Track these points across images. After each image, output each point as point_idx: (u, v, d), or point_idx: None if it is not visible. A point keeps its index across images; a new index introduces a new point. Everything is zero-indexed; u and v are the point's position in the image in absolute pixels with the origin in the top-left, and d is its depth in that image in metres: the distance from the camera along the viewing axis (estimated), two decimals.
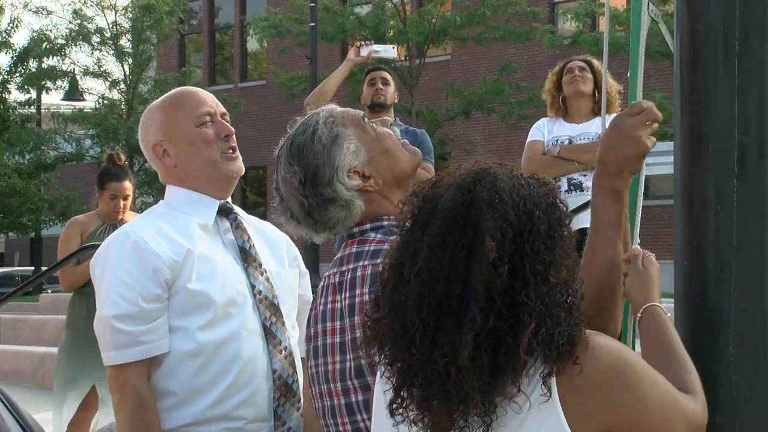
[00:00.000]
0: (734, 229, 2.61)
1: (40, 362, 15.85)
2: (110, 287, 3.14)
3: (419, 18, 25.87)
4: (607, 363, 2.18)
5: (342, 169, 2.87)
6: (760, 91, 2.63)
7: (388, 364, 2.24)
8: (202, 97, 3.41)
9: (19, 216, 33.55)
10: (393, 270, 2.24)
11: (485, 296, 2.10)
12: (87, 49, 33.66)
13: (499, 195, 2.18)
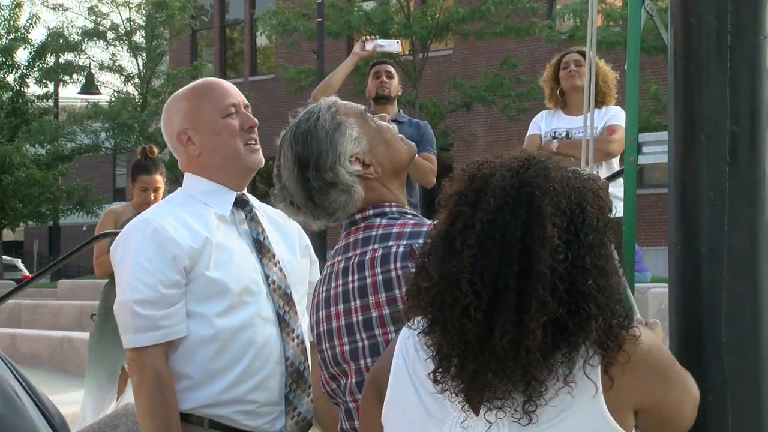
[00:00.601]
0: (726, 216, 2.60)
1: (58, 346, 15.88)
2: (131, 273, 3.15)
3: (422, 14, 25.87)
4: (647, 349, 2.22)
5: (344, 155, 2.88)
6: (751, 82, 2.63)
7: (431, 332, 2.23)
8: (228, 89, 3.42)
9: (38, 205, 33.63)
10: (442, 241, 2.22)
11: (550, 281, 2.11)
12: (102, 45, 33.71)
13: (551, 182, 2.19)
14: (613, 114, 7.04)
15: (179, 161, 3.40)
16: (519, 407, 2.13)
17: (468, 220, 2.18)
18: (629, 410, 2.20)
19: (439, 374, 2.20)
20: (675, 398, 2.30)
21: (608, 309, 2.15)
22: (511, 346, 2.09)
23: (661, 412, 2.27)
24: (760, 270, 2.62)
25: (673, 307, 2.72)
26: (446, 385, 2.19)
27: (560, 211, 2.15)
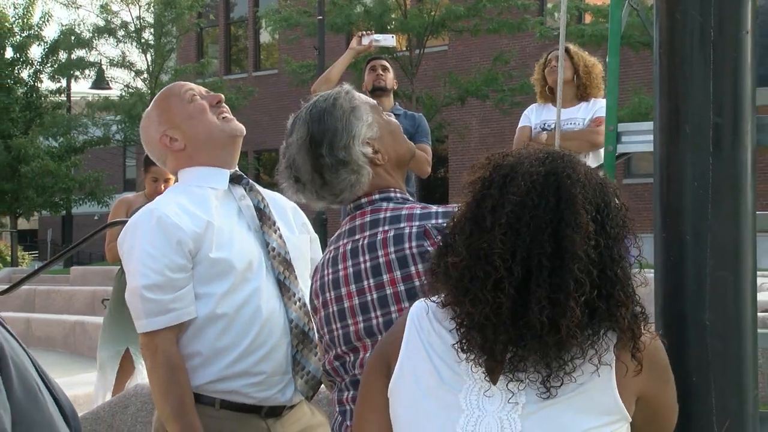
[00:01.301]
0: (709, 204, 2.60)
1: (71, 329, 15.92)
2: (138, 260, 3.15)
3: (419, 11, 25.90)
4: (659, 345, 2.28)
5: (358, 137, 2.90)
6: (733, 75, 2.63)
7: (458, 304, 2.22)
8: (183, 83, 3.47)
9: (52, 195, 33.67)
10: (469, 221, 2.22)
11: (585, 265, 2.12)
12: (113, 42, 33.73)
13: (578, 174, 2.20)
14: (600, 106, 7.05)
15: (168, 165, 3.42)
16: (540, 380, 2.15)
17: (497, 201, 2.18)
18: (633, 396, 2.22)
19: (465, 344, 2.19)
20: (670, 396, 2.34)
21: (632, 299, 2.20)
22: (549, 321, 2.09)
23: (657, 406, 2.29)
24: (742, 256, 2.63)
25: (659, 291, 2.72)
26: (472, 354, 2.19)
27: (588, 202, 2.16)
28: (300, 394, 3.28)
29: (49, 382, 2.57)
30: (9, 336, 2.47)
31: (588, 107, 7.14)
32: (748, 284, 2.64)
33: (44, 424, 2.44)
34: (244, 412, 3.21)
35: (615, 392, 2.17)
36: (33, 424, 2.40)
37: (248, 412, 3.21)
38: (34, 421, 2.41)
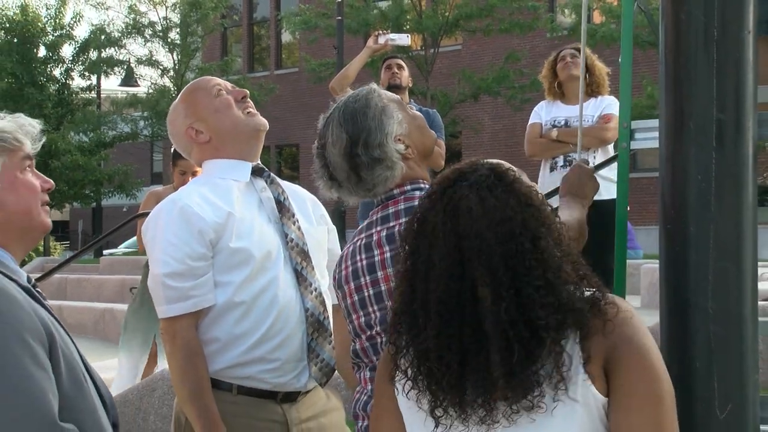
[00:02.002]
0: (712, 197, 2.60)
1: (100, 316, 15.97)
2: (161, 248, 3.16)
3: (433, 12, 25.87)
4: (625, 313, 2.12)
5: (390, 135, 2.92)
6: (736, 73, 2.63)
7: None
8: (210, 78, 3.48)
9: (82, 188, 33.74)
10: (405, 315, 2.12)
11: (502, 338, 1.99)
12: (140, 41, 33.78)
13: (480, 237, 2.03)
14: (608, 104, 7.05)
15: (194, 157, 3.42)
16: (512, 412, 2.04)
17: (424, 296, 2.07)
18: (599, 368, 2.06)
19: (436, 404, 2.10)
20: (643, 339, 2.12)
21: (563, 313, 2.02)
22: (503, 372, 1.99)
23: (633, 360, 2.07)
24: (743, 247, 2.63)
25: (663, 281, 2.72)
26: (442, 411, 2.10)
27: (493, 265, 2.01)
28: (314, 381, 3.28)
29: (91, 369, 2.58)
30: (59, 326, 2.49)
31: (596, 104, 7.12)
32: (749, 274, 2.64)
33: (87, 411, 2.45)
34: (261, 398, 3.21)
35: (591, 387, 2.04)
36: (77, 410, 2.41)
37: (264, 397, 3.21)
38: (79, 408, 2.42)
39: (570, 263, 2.09)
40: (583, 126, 7.05)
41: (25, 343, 2.31)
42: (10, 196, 2.52)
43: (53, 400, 2.32)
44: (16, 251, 2.56)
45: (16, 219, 2.53)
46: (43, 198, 2.60)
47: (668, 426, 2.04)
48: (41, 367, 2.32)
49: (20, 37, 34.14)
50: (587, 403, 2.03)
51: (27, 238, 2.59)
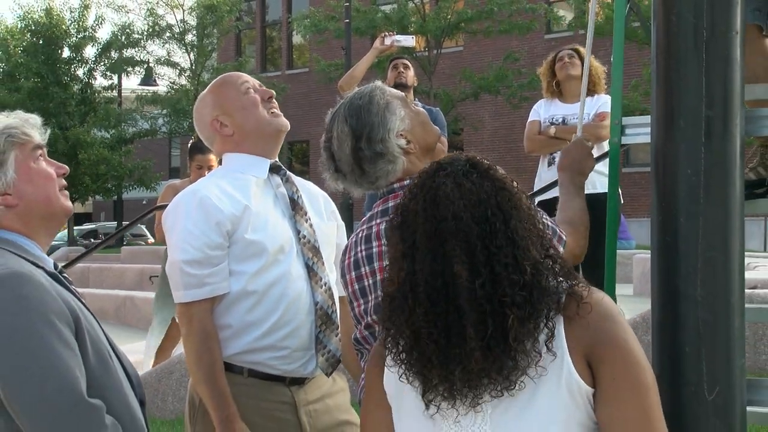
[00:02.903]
0: (701, 190, 2.59)
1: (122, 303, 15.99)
2: (180, 237, 3.15)
3: (436, 15, 25.87)
4: (601, 299, 2.10)
5: (393, 131, 2.90)
6: (724, 72, 2.62)
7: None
8: (241, 75, 3.45)
9: (104, 182, 33.83)
10: (395, 300, 2.12)
11: (475, 312, 1.99)
12: (159, 42, 33.83)
13: (457, 218, 2.04)
14: (603, 102, 7.04)
15: (215, 148, 3.40)
16: (498, 387, 2.03)
17: (411, 278, 2.07)
18: (582, 359, 2.04)
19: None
20: (629, 338, 2.07)
21: (533, 292, 2.01)
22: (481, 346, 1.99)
23: (618, 352, 2.04)
24: (731, 237, 2.62)
25: (655, 270, 2.71)
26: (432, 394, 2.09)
27: (470, 242, 2.02)
28: (320, 370, 3.28)
29: (117, 350, 2.59)
30: (85, 309, 2.50)
31: (592, 102, 7.11)
32: (737, 263, 2.64)
33: (114, 388, 2.46)
34: (270, 381, 3.21)
35: (572, 369, 2.02)
36: (104, 387, 2.42)
37: (273, 380, 3.21)
38: (105, 385, 2.43)
39: (539, 244, 2.08)
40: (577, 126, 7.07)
41: (52, 325, 2.32)
42: (27, 186, 2.53)
43: (80, 378, 2.33)
44: (41, 238, 2.57)
45: (36, 207, 2.54)
46: (60, 183, 2.60)
47: (656, 413, 2.04)
48: (68, 347, 2.34)
49: (45, 39, 34.22)
50: (572, 391, 2.02)
51: (50, 225, 2.60)
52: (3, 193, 2.50)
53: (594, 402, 2.04)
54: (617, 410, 2.02)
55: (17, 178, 2.52)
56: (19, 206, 2.52)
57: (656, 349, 2.69)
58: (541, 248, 2.09)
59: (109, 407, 2.38)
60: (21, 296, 2.32)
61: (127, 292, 16.45)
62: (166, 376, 7.89)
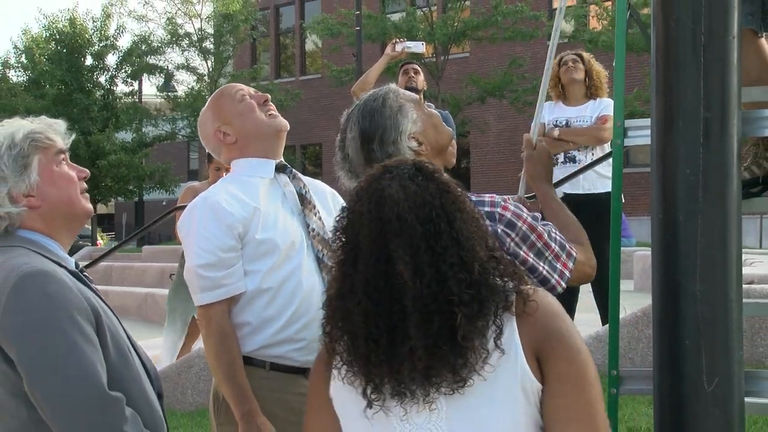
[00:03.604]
0: (700, 189, 2.59)
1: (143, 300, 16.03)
2: (194, 242, 3.17)
3: (443, 23, 25.89)
4: (546, 298, 2.08)
5: (404, 133, 2.85)
6: (721, 75, 2.61)
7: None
8: (234, 85, 3.47)
9: (126, 184, 33.95)
10: (337, 301, 2.08)
11: (419, 311, 1.96)
12: (178, 50, 33.92)
13: (402, 219, 2.00)
14: (606, 105, 7.04)
15: (223, 157, 3.42)
16: (450, 382, 1.99)
17: (353, 279, 2.03)
18: (532, 356, 2.01)
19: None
20: (574, 335, 2.06)
21: (480, 289, 1.98)
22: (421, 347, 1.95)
23: (564, 349, 2.03)
24: (728, 235, 2.61)
25: (655, 266, 2.70)
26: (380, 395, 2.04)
27: (413, 242, 1.98)
28: None
29: (136, 345, 2.61)
30: (105, 306, 2.51)
31: (595, 105, 7.13)
32: (734, 260, 2.63)
33: (133, 381, 2.47)
34: (291, 373, 3.21)
35: (524, 363, 1.99)
36: (124, 380, 2.43)
37: (295, 373, 3.21)
38: (125, 378, 2.44)
39: (484, 245, 2.05)
40: (582, 126, 7.07)
41: (74, 321, 2.34)
42: (50, 189, 2.54)
43: (101, 372, 2.34)
44: (63, 239, 2.58)
45: (58, 209, 2.55)
46: (81, 186, 2.62)
47: (599, 406, 2.02)
48: (90, 342, 2.35)
49: (69, 48, 34.36)
50: (525, 388, 2.00)
51: (72, 225, 2.61)
52: (27, 195, 2.51)
53: (541, 395, 2.02)
54: (563, 404, 2.00)
55: (40, 180, 2.53)
56: (42, 207, 2.53)
57: (657, 342, 2.68)
58: (486, 249, 2.05)
59: (129, 399, 2.39)
60: (45, 294, 2.34)
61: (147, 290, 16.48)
62: (186, 369, 7.91)
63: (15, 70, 35.63)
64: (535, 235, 2.70)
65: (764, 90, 3.26)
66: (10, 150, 2.52)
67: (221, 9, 32.72)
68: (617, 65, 3.18)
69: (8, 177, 2.50)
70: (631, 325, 6.72)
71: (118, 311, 2.60)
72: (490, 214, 2.69)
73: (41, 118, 2.66)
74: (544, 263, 2.70)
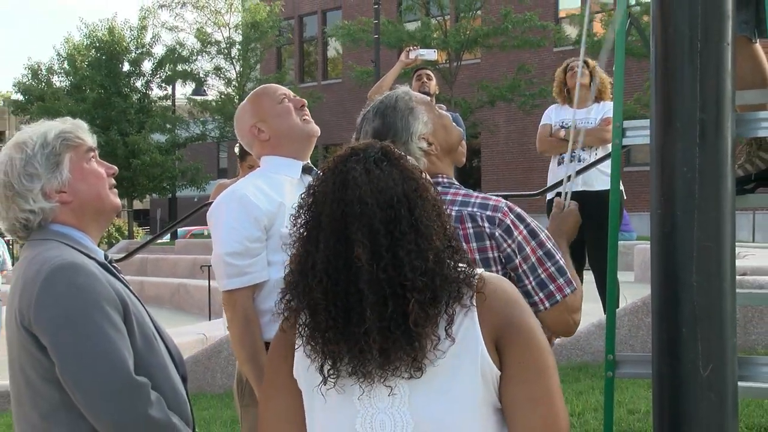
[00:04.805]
0: (696, 186, 2.58)
1: (176, 290, 16.10)
2: (222, 231, 3.16)
3: (456, 31, 25.87)
4: (499, 285, 2.02)
5: (415, 134, 2.82)
6: (716, 80, 2.60)
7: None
8: (277, 86, 3.46)
9: (160, 182, 34.06)
10: (297, 283, 2.02)
11: (374, 294, 1.90)
12: (208, 57, 33.98)
13: (363, 202, 1.93)
14: (609, 108, 7.04)
15: (254, 151, 3.41)
16: (409, 366, 1.93)
17: (314, 256, 1.97)
18: (492, 343, 1.96)
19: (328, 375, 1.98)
20: (532, 323, 2.01)
21: (433, 278, 1.92)
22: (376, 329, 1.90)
23: (523, 337, 1.98)
24: (723, 229, 2.60)
25: (654, 258, 2.69)
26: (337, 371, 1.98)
27: (373, 226, 1.92)
28: None
29: (162, 332, 2.61)
30: (132, 295, 2.52)
31: (599, 108, 7.14)
32: (728, 252, 2.62)
33: (158, 366, 2.47)
34: None
35: (483, 348, 1.94)
36: (150, 366, 2.43)
37: None
38: (151, 364, 2.44)
39: (443, 234, 1.98)
40: (586, 128, 7.07)
41: (103, 310, 2.34)
42: (81, 185, 2.54)
43: (128, 358, 2.35)
44: (93, 232, 2.59)
45: (89, 204, 2.55)
46: (110, 182, 2.62)
47: (556, 391, 1.97)
48: (117, 330, 2.35)
49: (108, 55, 34.49)
50: (485, 374, 1.94)
51: (101, 219, 2.61)
52: (59, 191, 2.52)
53: (499, 383, 1.97)
54: (522, 390, 1.95)
55: (71, 177, 2.53)
56: (73, 203, 2.53)
57: (656, 330, 2.67)
58: (444, 238, 1.98)
59: (154, 384, 2.40)
60: (75, 284, 2.34)
61: (180, 280, 16.55)
62: (215, 354, 7.93)
63: (58, 75, 35.76)
64: (530, 248, 2.65)
65: (757, 93, 3.25)
66: (42, 149, 2.52)
67: (248, 19, 32.79)
68: (617, 70, 3.18)
69: (41, 174, 2.51)
70: (631, 313, 6.70)
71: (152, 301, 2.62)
72: (490, 218, 2.67)
73: (67, 118, 2.67)
74: (533, 278, 2.65)
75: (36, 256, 2.43)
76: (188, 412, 2.53)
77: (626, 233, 15.39)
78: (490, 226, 2.64)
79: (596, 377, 6.21)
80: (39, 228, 2.52)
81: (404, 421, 1.96)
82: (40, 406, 2.40)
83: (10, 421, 2.60)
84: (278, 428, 2.09)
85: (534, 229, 2.68)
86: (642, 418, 5.05)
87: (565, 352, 7.12)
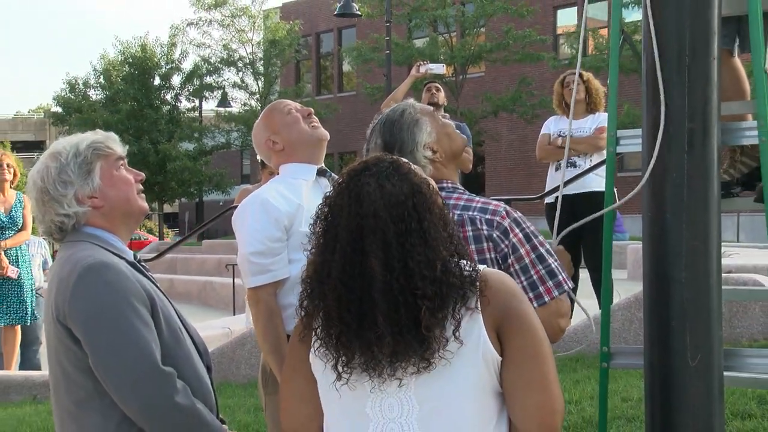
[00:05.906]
0: (685, 190, 2.58)
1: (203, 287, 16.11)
2: (246, 233, 3.17)
3: (462, 46, 25.88)
4: (499, 279, 2.04)
5: (420, 144, 2.82)
6: (704, 92, 2.61)
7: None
8: (283, 100, 3.48)
9: (188, 187, 34.13)
10: (314, 294, 2.04)
11: (387, 302, 1.91)
12: (233, 71, 34.05)
13: (377, 216, 1.95)
14: (603, 118, 7.04)
15: (273, 162, 3.43)
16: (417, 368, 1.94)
17: (330, 265, 1.98)
18: (493, 332, 1.98)
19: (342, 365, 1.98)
20: (530, 313, 2.02)
21: (440, 286, 1.92)
22: (388, 330, 1.91)
23: (521, 326, 1.99)
24: (710, 230, 2.61)
25: (646, 257, 2.70)
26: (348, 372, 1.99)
27: (387, 239, 1.93)
28: None
29: (187, 325, 2.61)
30: (159, 291, 2.53)
31: (594, 119, 7.14)
32: (715, 251, 2.62)
33: (184, 357, 2.48)
34: None
35: (489, 344, 1.95)
36: (176, 357, 2.44)
37: None
38: (177, 355, 2.45)
39: (450, 244, 2.00)
40: (582, 136, 7.07)
41: (132, 305, 2.35)
42: (111, 190, 2.56)
43: (156, 349, 2.36)
44: (122, 233, 2.60)
45: (118, 207, 2.57)
46: (137, 187, 2.64)
47: (552, 376, 1.99)
48: (145, 324, 2.36)
49: (140, 70, 34.59)
50: (487, 360, 1.95)
51: (130, 222, 2.63)
52: (90, 196, 2.53)
53: (500, 369, 1.98)
54: (521, 375, 1.96)
55: (102, 183, 2.55)
56: (104, 207, 2.55)
57: (647, 323, 2.67)
58: (450, 246, 2.00)
59: (180, 374, 2.40)
60: (106, 282, 2.35)
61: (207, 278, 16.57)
62: (240, 346, 7.93)
63: (94, 89, 35.89)
64: (524, 250, 2.62)
65: (741, 104, 3.25)
66: (75, 158, 2.55)
67: (269, 36, 32.87)
68: (611, 83, 3.17)
69: (74, 181, 2.53)
70: (624, 309, 6.69)
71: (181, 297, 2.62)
72: (489, 221, 2.65)
73: (97, 131, 2.69)
74: (524, 279, 2.61)
75: (70, 256, 2.45)
76: (212, 400, 2.54)
77: (619, 234, 15.35)
78: (488, 228, 2.63)
79: (592, 368, 6.20)
80: (73, 230, 2.54)
81: (410, 405, 1.98)
82: (75, 394, 2.41)
83: (51, 408, 2.61)
84: (297, 407, 2.13)
85: (529, 233, 2.66)
86: (635, 406, 5.04)
87: (563, 343, 7.12)
